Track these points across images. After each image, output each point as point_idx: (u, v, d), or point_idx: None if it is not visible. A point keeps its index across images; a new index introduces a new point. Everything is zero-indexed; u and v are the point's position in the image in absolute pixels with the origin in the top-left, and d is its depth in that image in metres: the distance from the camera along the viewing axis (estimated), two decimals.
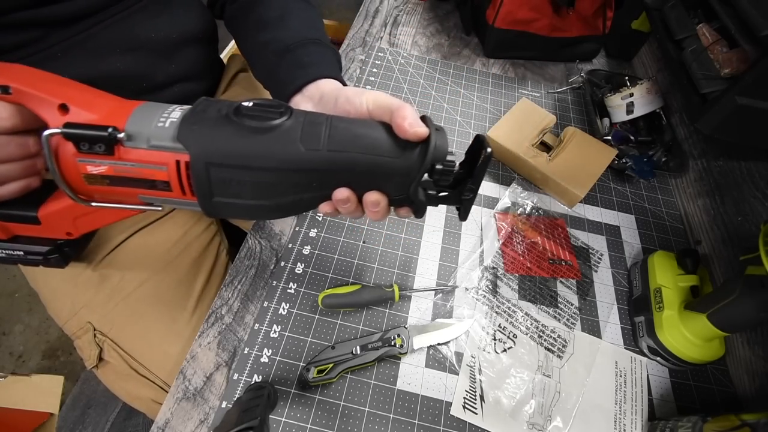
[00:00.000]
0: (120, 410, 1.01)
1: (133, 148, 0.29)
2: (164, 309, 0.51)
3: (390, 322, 0.47)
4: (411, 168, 0.30)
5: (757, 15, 0.41)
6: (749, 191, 0.53)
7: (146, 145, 0.29)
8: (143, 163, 0.29)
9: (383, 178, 0.31)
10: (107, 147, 0.28)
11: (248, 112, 0.29)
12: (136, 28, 0.46)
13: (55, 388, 0.49)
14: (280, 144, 0.29)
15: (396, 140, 0.30)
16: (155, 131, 0.29)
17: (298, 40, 0.43)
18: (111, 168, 0.29)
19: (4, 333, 1.15)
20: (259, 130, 0.29)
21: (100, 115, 0.29)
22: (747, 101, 0.43)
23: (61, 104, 0.29)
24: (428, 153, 0.29)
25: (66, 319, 0.51)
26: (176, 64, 0.51)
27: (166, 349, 0.50)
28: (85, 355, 0.50)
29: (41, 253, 0.38)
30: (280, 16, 0.46)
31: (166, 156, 0.29)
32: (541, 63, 0.82)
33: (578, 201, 0.58)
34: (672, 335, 0.45)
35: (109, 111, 0.30)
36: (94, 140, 0.28)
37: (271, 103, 0.30)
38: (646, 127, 0.68)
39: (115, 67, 0.45)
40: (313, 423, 0.40)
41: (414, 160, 0.30)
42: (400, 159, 0.30)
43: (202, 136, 0.29)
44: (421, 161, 0.30)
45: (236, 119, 0.29)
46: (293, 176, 0.30)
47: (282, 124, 0.29)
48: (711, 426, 0.37)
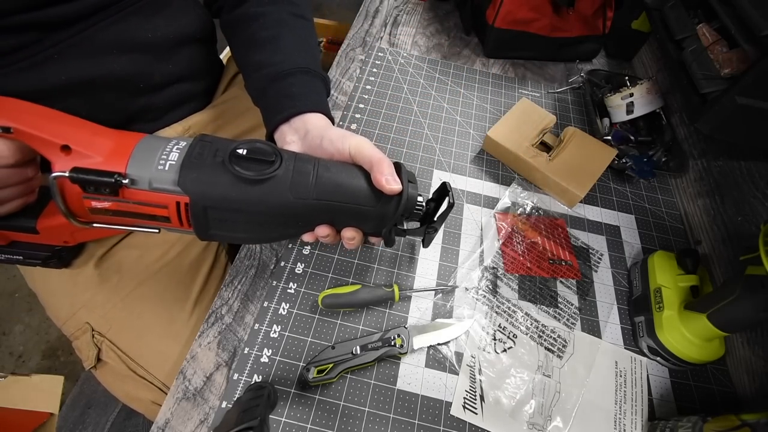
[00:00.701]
0: (120, 410, 1.01)
1: (136, 190, 0.31)
2: (162, 310, 0.51)
3: (390, 322, 0.47)
4: (386, 215, 0.36)
5: (757, 15, 0.41)
6: (749, 191, 0.53)
7: (148, 188, 0.31)
8: (146, 203, 0.32)
9: (361, 220, 0.37)
10: (112, 190, 0.31)
11: (243, 162, 0.33)
12: (133, 29, 0.46)
13: (55, 388, 0.49)
14: (272, 194, 0.33)
15: (374, 190, 0.35)
16: (156, 174, 0.31)
17: (289, 68, 0.45)
18: (115, 204, 0.32)
19: (4, 333, 1.14)
20: (253, 181, 0.32)
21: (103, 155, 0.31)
22: (747, 101, 0.43)
23: (63, 145, 0.30)
24: (401, 204, 0.35)
25: (64, 319, 0.51)
26: (174, 64, 0.51)
27: (164, 350, 0.50)
28: (83, 356, 0.50)
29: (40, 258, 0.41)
30: (274, 36, 0.47)
31: (167, 198, 0.32)
32: (541, 63, 0.82)
33: (578, 201, 0.58)
34: (672, 335, 0.45)
35: (110, 151, 0.32)
36: (100, 185, 0.30)
37: (264, 150, 0.33)
38: (646, 127, 0.68)
39: (112, 68, 0.45)
40: (313, 423, 0.40)
41: (388, 209, 0.36)
42: (376, 208, 0.35)
43: (200, 183, 0.32)
44: (394, 210, 0.35)
45: (231, 168, 0.32)
46: (282, 218, 0.35)
47: (274, 174, 0.33)
48: (711, 426, 0.37)
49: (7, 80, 0.39)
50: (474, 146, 0.66)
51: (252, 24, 0.49)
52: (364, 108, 0.68)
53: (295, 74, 0.45)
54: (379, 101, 0.69)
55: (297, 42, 0.48)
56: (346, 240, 0.38)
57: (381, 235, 0.39)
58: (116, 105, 0.48)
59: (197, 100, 0.59)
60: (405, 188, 0.35)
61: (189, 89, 0.56)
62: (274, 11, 0.49)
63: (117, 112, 0.48)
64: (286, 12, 0.50)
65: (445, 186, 0.38)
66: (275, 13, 0.49)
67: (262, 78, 0.45)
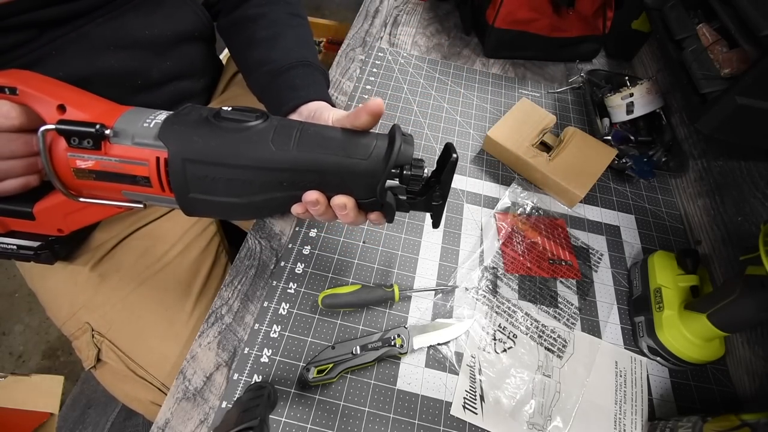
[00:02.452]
0: (120, 410, 1.01)
1: (118, 145, 0.32)
2: (162, 310, 0.51)
3: (390, 322, 0.47)
4: (376, 169, 0.32)
5: (757, 15, 0.41)
6: (749, 191, 0.53)
7: (130, 142, 0.31)
8: (126, 159, 0.32)
9: (350, 179, 0.33)
10: (95, 142, 0.31)
11: (227, 115, 0.32)
12: (129, 26, 0.46)
13: (55, 388, 0.49)
14: (252, 143, 0.31)
15: (363, 144, 0.33)
16: (140, 130, 0.32)
17: (290, 62, 0.46)
18: (97, 163, 0.32)
19: (4, 333, 1.14)
20: (234, 130, 0.31)
21: (93, 115, 0.32)
22: (747, 101, 0.43)
23: (59, 105, 0.31)
24: (392, 154, 0.31)
25: (64, 319, 0.51)
26: (171, 61, 0.51)
27: (163, 350, 0.50)
28: (83, 356, 0.50)
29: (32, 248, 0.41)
30: (273, 36, 0.48)
31: (148, 152, 0.31)
32: (541, 63, 0.82)
33: (578, 201, 0.58)
34: (672, 335, 0.45)
35: (101, 112, 0.33)
36: (83, 135, 0.30)
37: (249, 108, 0.33)
38: (646, 127, 0.68)
39: (110, 65, 0.45)
40: (313, 423, 0.40)
41: (379, 161, 0.32)
42: (366, 161, 0.32)
43: (180, 134, 0.31)
44: (385, 162, 0.32)
45: (215, 121, 0.32)
46: (264, 174, 0.32)
47: (255, 126, 0.32)
48: (711, 426, 0.37)
49: None
50: (474, 146, 0.66)
51: (250, 25, 0.50)
52: None
53: (296, 67, 0.46)
54: None
55: (295, 39, 0.49)
56: (337, 210, 0.34)
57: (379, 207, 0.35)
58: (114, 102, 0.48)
59: (196, 98, 0.59)
60: (397, 137, 0.32)
61: (188, 87, 0.56)
62: (271, 12, 0.50)
63: None
64: (282, 12, 0.51)
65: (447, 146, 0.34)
66: (272, 14, 0.50)
67: (264, 74, 0.47)
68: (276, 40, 0.48)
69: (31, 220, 0.37)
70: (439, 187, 0.35)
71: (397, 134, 0.32)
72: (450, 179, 0.34)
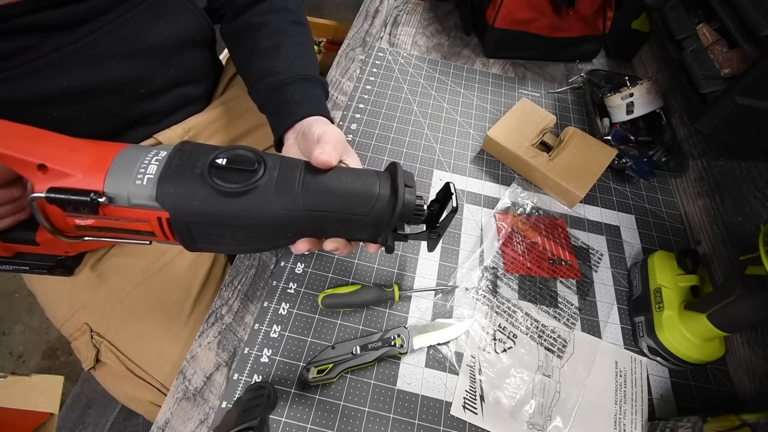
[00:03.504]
0: (120, 410, 1.01)
1: (116, 207, 0.30)
2: (161, 311, 0.51)
3: (390, 322, 0.47)
4: (381, 223, 0.33)
5: (757, 15, 0.41)
6: (749, 191, 0.53)
7: (128, 204, 0.30)
8: (127, 218, 0.31)
9: (354, 229, 0.34)
10: (90, 209, 0.30)
11: (223, 172, 0.31)
12: (133, 34, 0.46)
13: (55, 388, 0.49)
14: (255, 207, 0.31)
15: (365, 196, 0.32)
16: (134, 190, 0.30)
17: (290, 77, 0.46)
18: (98, 221, 0.31)
19: (4, 333, 1.14)
20: (234, 194, 0.30)
21: (80, 172, 0.30)
22: (747, 101, 0.43)
23: (39, 164, 0.29)
24: (396, 210, 0.31)
25: (63, 320, 0.51)
26: (174, 68, 0.51)
27: (162, 351, 0.50)
28: (82, 357, 0.50)
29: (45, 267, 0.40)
30: (275, 46, 0.49)
31: (148, 213, 0.30)
32: (541, 63, 0.82)
33: (578, 201, 0.58)
34: (672, 335, 0.45)
35: (87, 166, 0.31)
36: (77, 204, 0.29)
37: (245, 157, 0.32)
38: (646, 127, 0.68)
39: (114, 74, 0.45)
40: (313, 423, 0.40)
41: (384, 216, 0.32)
42: (369, 216, 0.32)
43: (178, 198, 0.30)
44: (390, 216, 0.32)
45: (210, 181, 0.30)
46: (268, 230, 0.32)
47: (256, 185, 0.31)
48: (711, 426, 0.37)
49: (8, 86, 0.39)
50: (474, 146, 0.66)
51: (254, 34, 0.50)
52: (364, 108, 0.68)
53: (296, 82, 0.46)
54: (379, 101, 0.69)
55: (296, 49, 0.50)
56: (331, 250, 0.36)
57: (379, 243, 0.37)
58: (117, 110, 0.48)
59: (198, 102, 0.59)
60: (401, 192, 0.32)
61: (190, 92, 0.56)
62: (274, 20, 0.51)
63: (117, 118, 0.49)
64: (285, 20, 0.51)
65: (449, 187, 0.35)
66: (275, 22, 0.51)
67: (265, 87, 0.47)
68: (278, 51, 0.49)
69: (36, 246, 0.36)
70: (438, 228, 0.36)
71: (399, 184, 0.32)
72: (448, 224, 0.36)
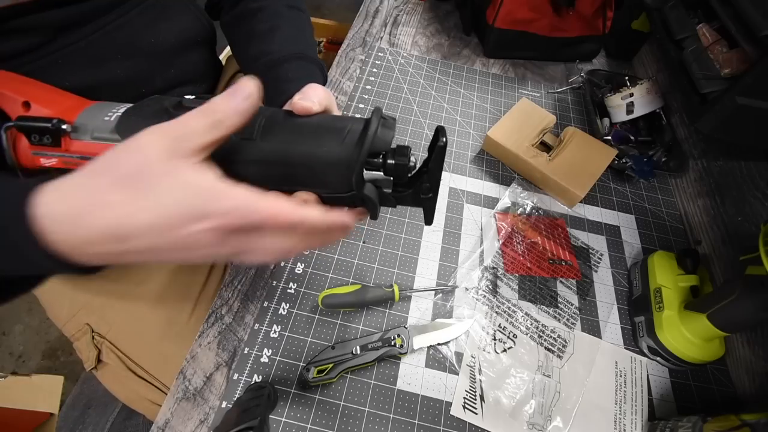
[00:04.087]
0: (120, 410, 1.01)
1: (78, 140, 0.30)
2: (162, 311, 0.51)
3: (390, 322, 0.47)
4: (350, 158, 0.27)
5: (757, 15, 0.41)
6: (749, 191, 0.53)
7: (89, 137, 0.30)
8: (86, 154, 0.30)
9: (322, 170, 0.28)
10: (54, 138, 0.30)
11: (188, 104, 0.29)
12: (135, 34, 0.46)
13: (55, 388, 0.49)
14: None
15: (336, 129, 0.28)
16: (99, 124, 0.30)
17: (285, 55, 0.46)
18: (60, 161, 0.31)
19: (4, 333, 1.14)
20: None
21: (57, 111, 0.31)
22: (747, 101, 0.43)
23: (24, 102, 0.31)
24: (366, 139, 0.27)
25: (65, 320, 0.51)
26: (175, 68, 0.51)
27: (164, 350, 0.50)
28: (83, 357, 0.50)
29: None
30: (270, 28, 0.48)
31: (106, 147, 0.30)
32: (541, 63, 0.82)
33: (578, 201, 0.58)
34: (672, 335, 0.45)
35: (66, 107, 0.32)
36: (42, 131, 0.30)
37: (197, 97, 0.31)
38: (646, 127, 0.68)
39: (116, 74, 0.45)
40: (313, 423, 0.40)
41: (351, 149, 0.27)
42: (339, 148, 0.27)
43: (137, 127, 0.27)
44: (359, 150, 0.27)
45: (174, 112, 0.29)
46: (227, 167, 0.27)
47: None
48: (711, 426, 0.37)
49: None
50: (474, 146, 0.66)
51: (251, 19, 0.50)
52: (364, 108, 0.68)
53: (290, 60, 0.46)
54: (379, 101, 0.69)
55: (292, 31, 0.49)
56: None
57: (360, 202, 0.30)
58: None
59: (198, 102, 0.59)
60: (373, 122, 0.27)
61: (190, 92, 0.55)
62: (271, 4, 0.51)
63: None
64: (282, 5, 0.51)
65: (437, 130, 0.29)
66: (272, 6, 0.50)
67: (260, 67, 0.46)
68: (274, 33, 0.48)
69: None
70: (427, 177, 0.30)
71: (374, 116, 0.28)
72: (439, 167, 0.30)
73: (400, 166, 0.29)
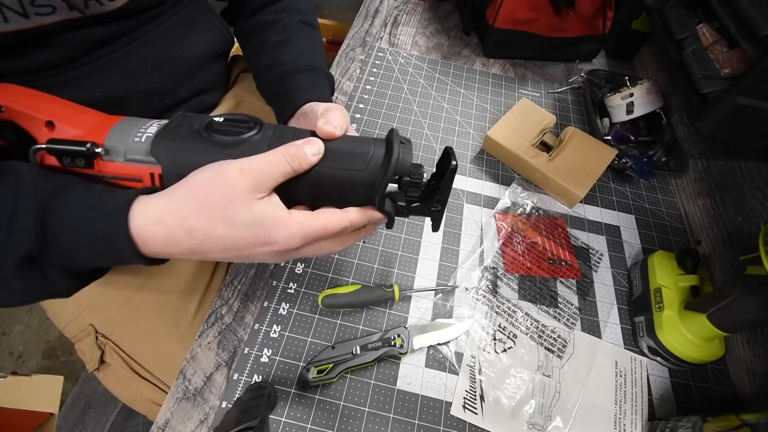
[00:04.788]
0: (120, 410, 1.01)
1: (111, 162, 0.31)
2: (167, 311, 0.51)
3: (390, 322, 0.47)
4: (374, 180, 0.31)
5: (757, 15, 0.41)
6: (749, 191, 0.53)
7: (123, 159, 0.31)
8: (120, 176, 0.31)
9: (348, 190, 0.32)
10: (87, 161, 0.31)
11: (219, 127, 0.31)
12: (166, 47, 0.47)
13: (55, 388, 0.49)
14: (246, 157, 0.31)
15: (360, 154, 0.32)
16: (131, 146, 0.31)
17: (296, 66, 0.48)
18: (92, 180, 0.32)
19: (4, 333, 1.15)
20: (227, 144, 0.31)
21: (84, 131, 0.31)
22: (747, 101, 0.43)
23: (47, 121, 0.31)
24: (390, 165, 0.31)
25: (67, 321, 0.51)
26: (197, 79, 0.53)
27: (168, 351, 0.50)
28: (86, 358, 0.50)
29: None
30: (284, 40, 0.50)
31: (141, 169, 0.31)
32: (541, 63, 0.82)
33: (578, 201, 0.58)
34: (672, 335, 0.45)
35: (91, 127, 0.32)
36: (75, 155, 0.30)
37: (241, 118, 0.32)
38: (646, 127, 0.68)
39: (144, 85, 0.46)
40: (313, 423, 0.40)
41: (376, 171, 0.31)
42: (363, 172, 0.31)
43: (172, 151, 0.31)
44: (383, 173, 0.31)
45: (206, 135, 0.31)
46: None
47: (249, 138, 0.31)
48: (711, 426, 0.37)
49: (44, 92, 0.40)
50: (474, 146, 0.66)
51: (266, 31, 0.52)
52: (364, 108, 0.68)
53: (302, 71, 0.48)
54: (379, 101, 0.69)
55: (304, 45, 0.51)
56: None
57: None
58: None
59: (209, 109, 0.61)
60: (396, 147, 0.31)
61: (207, 100, 0.58)
62: (285, 18, 0.52)
63: None
64: (296, 19, 0.53)
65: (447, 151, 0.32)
66: (286, 20, 0.52)
67: (272, 78, 0.49)
68: (286, 45, 0.50)
69: None
70: (438, 193, 0.34)
71: (394, 141, 0.31)
72: (449, 186, 0.34)
73: (414, 183, 0.33)
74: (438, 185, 0.33)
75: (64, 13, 0.37)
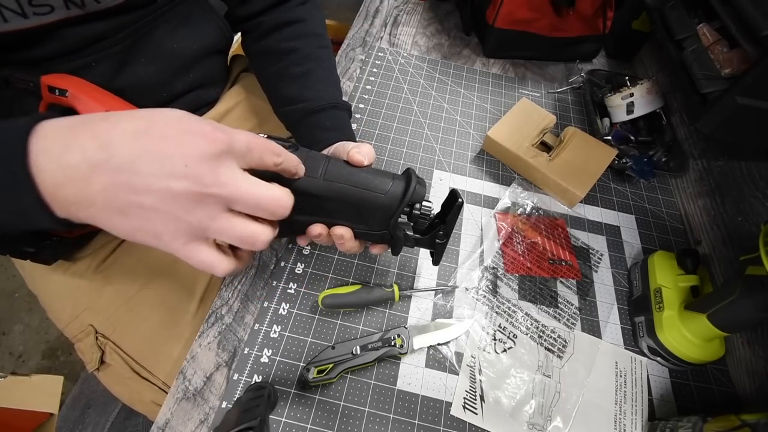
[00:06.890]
0: (120, 410, 1.01)
1: None
2: (166, 311, 0.51)
3: (390, 322, 0.47)
4: (392, 204, 0.35)
5: (757, 15, 0.41)
6: (749, 191, 0.53)
7: None
8: None
9: (367, 211, 0.36)
10: None
11: None
12: (161, 40, 0.48)
13: (55, 388, 0.49)
14: None
15: (382, 181, 0.35)
16: None
17: (321, 105, 0.50)
18: None
19: (4, 333, 1.15)
20: None
21: None
22: (747, 101, 0.43)
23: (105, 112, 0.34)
24: (408, 192, 0.35)
25: (67, 322, 0.51)
26: (194, 73, 0.53)
27: (168, 351, 0.50)
28: (86, 358, 0.50)
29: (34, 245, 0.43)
30: (305, 72, 0.52)
31: None
32: (541, 63, 0.82)
33: (578, 201, 0.58)
34: (672, 335, 0.45)
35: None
36: None
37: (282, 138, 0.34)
38: (646, 127, 0.67)
39: (140, 77, 0.47)
40: (313, 423, 0.40)
41: (395, 197, 0.35)
42: (384, 196, 0.35)
43: None
44: (401, 199, 0.35)
45: None
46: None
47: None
48: (711, 426, 0.37)
49: None
50: (474, 146, 0.66)
51: (284, 59, 0.53)
52: (364, 108, 0.68)
53: (327, 109, 0.50)
54: (379, 101, 0.69)
55: (325, 76, 0.53)
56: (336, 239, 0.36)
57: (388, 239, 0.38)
58: None
59: (209, 105, 0.61)
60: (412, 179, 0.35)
61: (205, 95, 0.58)
62: (304, 46, 0.53)
63: None
64: (314, 46, 0.54)
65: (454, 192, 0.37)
66: (305, 48, 0.53)
67: (295, 111, 0.50)
68: (307, 79, 0.51)
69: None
70: (443, 227, 0.38)
71: (412, 176, 0.36)
72: (455, 221, 0.37)
73: (424, 215, 0.37)
74: (444, 220, 0.37)
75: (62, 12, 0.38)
